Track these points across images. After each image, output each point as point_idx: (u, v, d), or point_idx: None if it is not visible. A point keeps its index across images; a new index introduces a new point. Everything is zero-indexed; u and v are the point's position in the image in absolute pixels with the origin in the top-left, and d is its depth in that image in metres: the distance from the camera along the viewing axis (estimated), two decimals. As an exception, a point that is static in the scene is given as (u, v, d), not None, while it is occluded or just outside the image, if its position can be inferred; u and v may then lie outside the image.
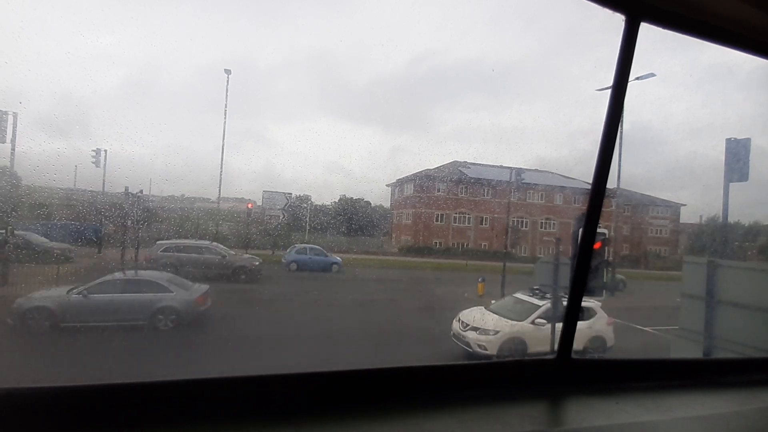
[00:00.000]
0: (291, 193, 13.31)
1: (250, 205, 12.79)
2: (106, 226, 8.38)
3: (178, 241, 10.08)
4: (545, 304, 8.06)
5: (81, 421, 1.24)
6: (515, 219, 17.97)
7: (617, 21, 1.89)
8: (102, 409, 1.27)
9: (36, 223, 7.32)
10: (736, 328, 4.78)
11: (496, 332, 7.75)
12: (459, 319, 8.29)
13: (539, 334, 7.75)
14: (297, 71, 17.41)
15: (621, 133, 9.67)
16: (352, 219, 13.93)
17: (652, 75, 12.40)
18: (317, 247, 12.75)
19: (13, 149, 6.22)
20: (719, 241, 14.37)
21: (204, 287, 7.78)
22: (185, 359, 6.14)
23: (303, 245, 12.76)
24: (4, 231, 6.50)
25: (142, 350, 6.30)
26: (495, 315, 8.25)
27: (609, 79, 2.00)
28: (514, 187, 17.18)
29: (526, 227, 18.02)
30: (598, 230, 2.14)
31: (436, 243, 17.07)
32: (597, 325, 8.29)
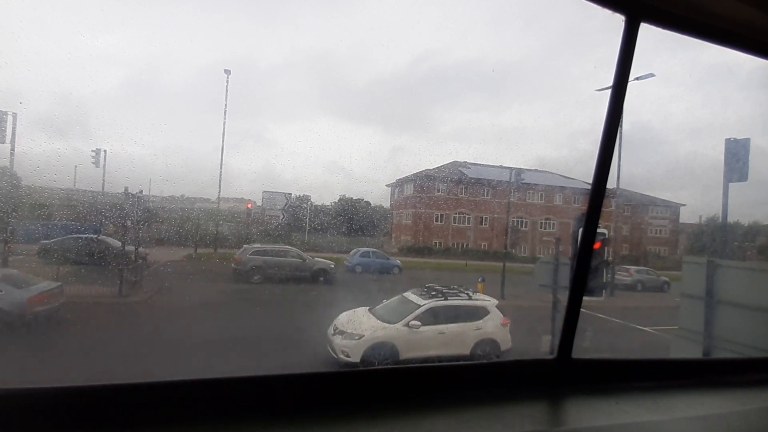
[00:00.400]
0: (291, 194, 13.32)
1: (249, 206, 12.79)
2: (106, 226, 8.38)
3: (263, 245, 11.16)
4: (426, 305, 7.37)
5: (81, 421, 1.24)
6: (515, 219, 17.97)
7: (617, 21, 1.89)
8: (102, 409, 1.27)
9: (36, 223, 7.32)
10: (735, 328, 4.78)
11: (361, 336, 6.87)
12: (334, 321, 7.42)
13: (413, 338, 6.95)
14: (297, 71, 17.43)
15: (621, 133, 9.68)
16: (352, 219, 13.93)
17: (652, 75, 12.44)
18: (378, 250, 13.88)
19: (12, 149, 6.22)
20: (719, 241, 14.38)
21: (49, 285, 6.75)
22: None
23: (366, 249, 13.60)
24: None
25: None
26: (373, 317, 7.42)
27: (609, 79, 2.00)
28: (514, 188, 17.18)
29: (525, 227, 18.02)
30: (598, 230, 2.14)
31: (435, 243, 17.08)
32: (488, 326, 7.46)
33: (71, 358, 5.85)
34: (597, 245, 5.04)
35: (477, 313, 7.61)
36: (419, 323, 7.04)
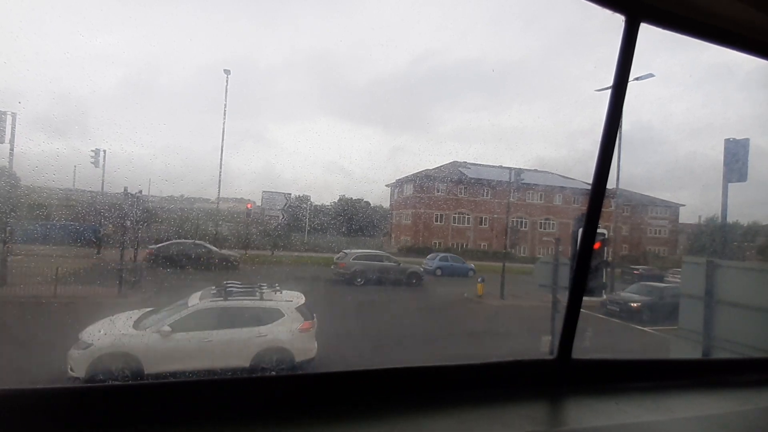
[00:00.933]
0: (290, 194, 13.32)
1: (249, 206, 12.79)
2: (105, 226, 8.37)
3: (362, 250, 12.29)
4: (194, 307, 6.02)
5: (81, 421, 1.24)
6: (515, 219, 17.98)
7: (617, 21, 1.89)
8: (102, 409, 1.27)
9: (35, 223, 7.31)
10: (735, 328, 4.78)
11: (88, 346, 5.15)
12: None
13: (164, 347, 5.44)
14: (297, 71, 17.45)
15: (621, 133, 9.68)
16: (351, 219, 13.94)
17: (652, 75, 12.45)
18: (455, 255, 15.02)
19: (11, 149, 6.21)
20: (718, 241, 14.40)
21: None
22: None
23: (444, 254, 14.80)
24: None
25: None
26: (130, 323, 5.81)
27: (609, 80, 2.00)
28: (513, 188, 17.20)
29: (525, 228, 18.03)
30: (598, 230, 2.14)
31: (435, 243, 17.08)
32: (279, 332, 5.97)
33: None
34: (597, 245, 5.04)
35: (265, 317, 6.22)
36: (169, 329, 5.64)
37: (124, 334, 5.54)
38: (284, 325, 6.15)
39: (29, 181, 6.00)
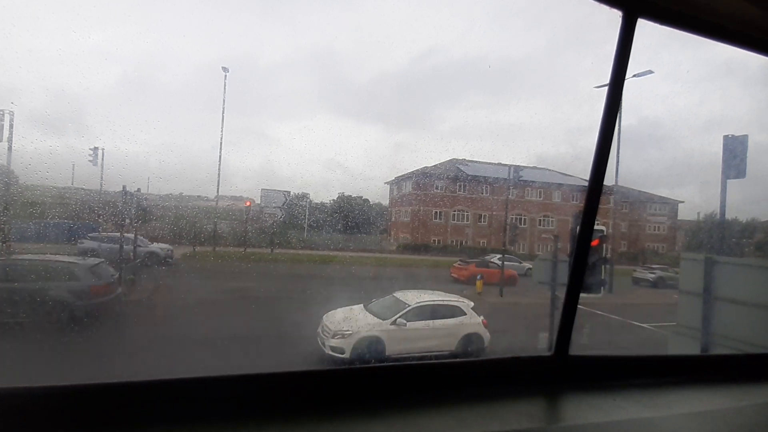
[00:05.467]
0: (289, 191, 13.30)
1: (248, 204, 12.76)
2: (104, 224, 8.34)
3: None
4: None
5: (81, 421, 1.24)
6: (513, 216, 18.00)
7: (615, 17, 1.88)
8: (102, 408, 1.27)
9: (33, 222, 7.29)
10: (733, 324, 4.80)
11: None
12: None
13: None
14: (296, 68, 17.38)
15: (619, 129, 9.67)
16: (350, 216, 13.93)
17: (650, 72, 12.42)
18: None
19: (9, 148, 6.18)
20: (717, 237, 14.44)
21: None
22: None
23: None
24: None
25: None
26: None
27: (607, 76, 1.99)
28: (512, 185, 17.21)
29: (524, 225, 18.05)
30: (596, 227, 2.14)
31: (434, 240, 17.09)
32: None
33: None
34: (595, 242, 5.04)
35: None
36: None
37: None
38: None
39: (27, 179, 5.98)
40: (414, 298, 8.06)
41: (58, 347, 5.76)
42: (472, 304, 8.36)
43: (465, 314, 8.01)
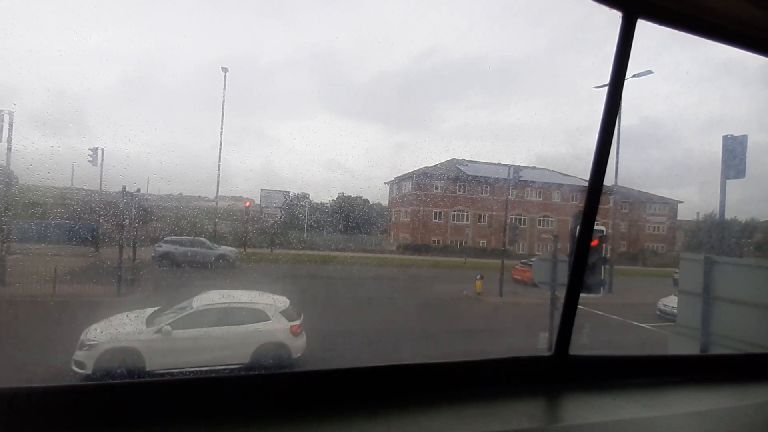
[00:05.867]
0: (289, 192, 13.30)
1: (248, 204, 12.76)
2: (103, 225, 8.34)
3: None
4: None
5: (81, 422, 1.24)
6: (513, 216, 18.00)
7: (615, 18, 1.88)
8: (102, 409, 1.27)
9: (32, 222, 7.29)
10: (733, 324, 4.80)
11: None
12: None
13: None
14: (296, 69, 17.38)
15: (619, 130, 9.69)
16: (350, 217, 13.93)
17: (650, 72, 12.44)
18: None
19: (9, 148, 6.18)
20: (716, 237, 14.44)
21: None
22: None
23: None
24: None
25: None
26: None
27: (607, 76, 2.00)
28: (512, 185, 17.21)
29: (524, 225, 18.05)
30: (596, 227, 2.14)
31: (434, 241, 17.09)
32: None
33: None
34: (595, 242, 5.05)
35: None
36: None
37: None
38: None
39: (26, 179, 5.98)
40: (210, 299, 6.79)
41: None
42: (286, 305, 6.96)
43: (269, 319, 6.64)
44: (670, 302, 10.85)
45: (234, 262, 10.75)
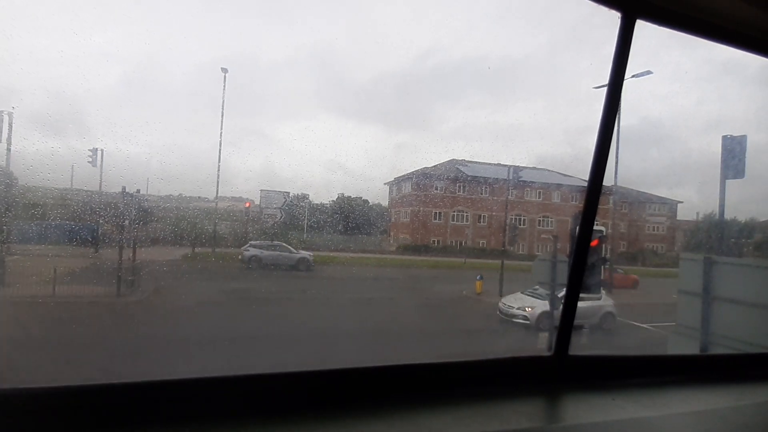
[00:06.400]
0: (289, 192, 13.29)
1: (248, 204, 12.75)
2: (103, 225, 8.34)
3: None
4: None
5: (81, 422, 1.24)
6: (513, 217, 18.00)
7: (614, 18, 1.89)
8: (101, 409, 1.27)
9: (31, 223, 7.29)
10: (732, 324, 4.81)
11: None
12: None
13: None
14: (296, 69, 17.34)
15: (618, 130, 9.70)
16: (350, 217, 13.93)
17: (649, 73, 12.43)
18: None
19: (9, 149, 6.17)
20: (716, 237, 14.45)
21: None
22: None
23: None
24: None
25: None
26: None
27: (607, 77, 2.00)
28: (511, 185, 17.21)
29: (524, 225, 18.05)
30: (596, 228, 2.15)
31: (434, 241, 17.08)
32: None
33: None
34: (594, 243, 5.05)
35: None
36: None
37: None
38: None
39: (26, 180, 5.97)
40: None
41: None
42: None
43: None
44: (511, 302, 10.61)
45: (312, 265, 11.97)
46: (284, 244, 12.12)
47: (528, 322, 9.81)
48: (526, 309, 10.04)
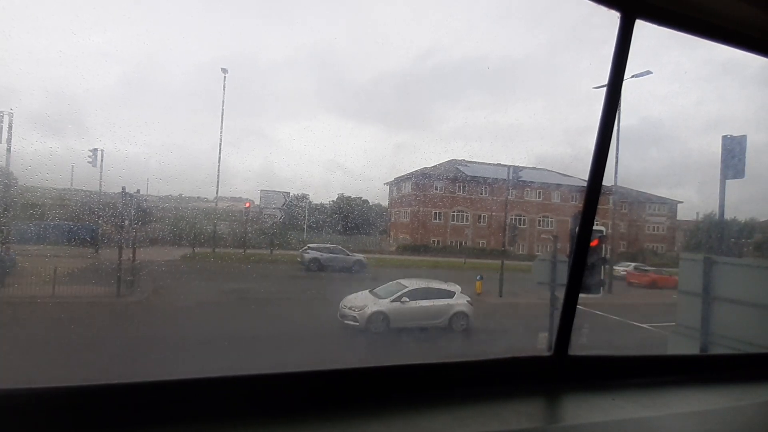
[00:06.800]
0: (289, 192, 13.29)
1: (248, 205, 12.75)
2: (102, 226, 8.34)
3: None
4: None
5: (81, 423, 1.24)
6: (513, 217, 18.00)
7: (613, 18, 1.89)
8: (101, 409, 1.27)
9: (30, 223, 7.28)
10: (732, 324, 4.81)
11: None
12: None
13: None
14: (295, 69, 17.34)
15: (618, 130, 9.70)
16: (349, 217, 13.93)
17: (649, 73, 12.44)
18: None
19: (8, 149, 6.17)
20: (716, 237, 14.45)
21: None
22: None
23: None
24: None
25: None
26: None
27: (606, 77, 2.00)
28: (511, 185, 17.21)
29: (523, 225, 18.05)
30: (596, 228, 2.15)
31: (434, 241, 17.08)
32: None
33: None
34: (594, 243, 5.05)
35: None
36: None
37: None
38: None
39: (26, 180, 5.97)
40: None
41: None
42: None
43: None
44: (351, 303, 8.91)
45: (366, 267, 12.87)
46: (340, 247, 12.76)
47: (357, 324, 8.39)
48: (355, 309, 8.59)
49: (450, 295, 9.36)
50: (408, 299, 8.83)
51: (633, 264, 17.15)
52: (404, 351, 8.00)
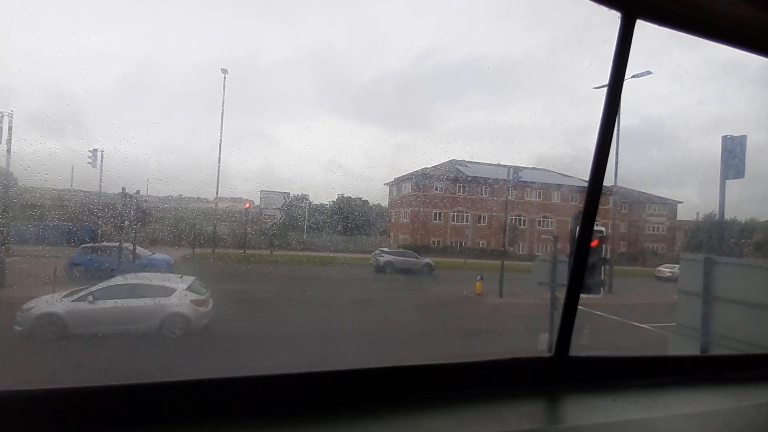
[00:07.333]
0: (289, 193, 13.29)
1: (247, 205, 12.75)
2: (102, 226, 8.33)
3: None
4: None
5: (81, 424, 1.23)
6: (513, 217, 18.00)
7: (614, 18, 1.88)
8: (101, 410, 1.27)
9: (30, 224, 7.28)
10: (733, 324, 4.80)
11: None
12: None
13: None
14: (295, 69, 17.37)
15: (618, 130, 9.70)
16: (349, 218, 13.92)
17: (649, 73, 12.45)
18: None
19: (8, 150, 6.17)
20: (716, 238, 14.45)
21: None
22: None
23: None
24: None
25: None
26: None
27: (607, 77, 2.00)
28: (511, 186, 17.21)
29: (524, 225, 18.05)
30: (596, 228, 2.14)
31: (434, 242, 17.08)
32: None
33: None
34: (594, 243, 5.05)
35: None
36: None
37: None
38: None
39: (25, 181, 5.98)
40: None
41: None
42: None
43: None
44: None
45: (434, 269, 13.73)
46: (409, 251, 13.81)
47: (20, 329, 6.46)
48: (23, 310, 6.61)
49: (167, 292, 7.35)
50: (92, 299, 6.79)
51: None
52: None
